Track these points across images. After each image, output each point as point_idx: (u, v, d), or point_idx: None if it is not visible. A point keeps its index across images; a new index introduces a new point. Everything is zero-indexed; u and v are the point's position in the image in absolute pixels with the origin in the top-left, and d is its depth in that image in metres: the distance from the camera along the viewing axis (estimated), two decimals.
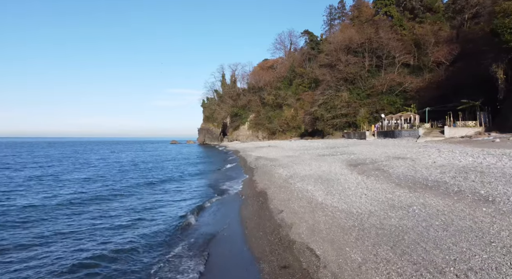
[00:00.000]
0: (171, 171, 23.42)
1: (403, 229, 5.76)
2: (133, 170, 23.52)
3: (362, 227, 6.09)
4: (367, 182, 11.15)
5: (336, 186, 10.71)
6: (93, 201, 11.98)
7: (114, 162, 32.68)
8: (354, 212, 7.26)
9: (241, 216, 8.47)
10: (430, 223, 5.90)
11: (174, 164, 29.58)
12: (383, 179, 11.40)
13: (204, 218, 9.42)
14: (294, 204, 8.45)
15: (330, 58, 60.95)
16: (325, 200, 8.84)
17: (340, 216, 7.00)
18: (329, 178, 12.71)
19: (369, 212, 7.18)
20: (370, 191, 9.50)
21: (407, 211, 6.95)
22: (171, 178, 19.09)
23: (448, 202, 7.27)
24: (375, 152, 24.65)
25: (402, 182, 10.36)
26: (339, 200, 8.71)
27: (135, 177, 19.80)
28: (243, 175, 18.19)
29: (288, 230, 6.22)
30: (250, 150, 42.36)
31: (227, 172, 21.12)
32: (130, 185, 16.20)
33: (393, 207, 7.42)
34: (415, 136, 33.92)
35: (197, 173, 20.81)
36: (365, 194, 9.09)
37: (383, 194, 8.96)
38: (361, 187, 10.20)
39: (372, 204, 7.87)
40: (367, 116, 52.16)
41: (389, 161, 16.62)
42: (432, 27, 53.61)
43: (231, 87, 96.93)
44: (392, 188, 9.58)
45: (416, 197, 8.14)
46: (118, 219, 8.95)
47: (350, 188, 10.23)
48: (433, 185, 9.15)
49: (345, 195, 9.26)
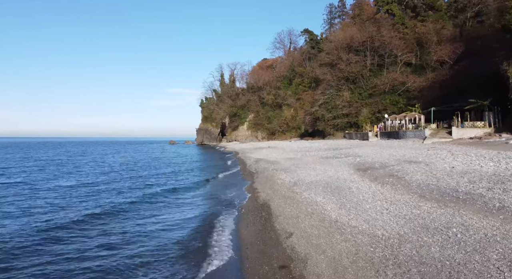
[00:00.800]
0: (166, 178, 20.76)
1: (452, 265, 4.41)
2: (124, 179, 19.58)
3: (396, 261, 4.74)
4: (383, 192, 9.80)
5: (349, 197, 9.35)
6: (61, 229, 8.45)
7: (105, 166, 29.61)
8: (379, 235, 5.92)
9: (240, 239, 7.06)
10: (486, 256, 4.56)
11: (169, 170, 25.70)
12: (401, 188, 10.05)
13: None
14: (305, 223, 7.07)
15: (331, 57, 59.62)
16: (340, 216, 7.48)
17: (363, 241, 5.65)
18: (338, 186, 11.34)
19: (398, 235, 5.84)
20: (391, 204, 8.15)
21: (446, 235, 5.61)
22: (164, 190, 15.15)
23: (494, 223, 5.94)
24: (382, 154, 23.34)
25: (425, 193, 9.01)
26: (357, 216, 7.35)
27: (125, 187, 16.42)
28: (242, 181, 16.59)
29: (302, 267, 4.84)
30: (249, 151, 40.99)
31: (226, 179, 19.24)
32: (116, 201, 12.39)
33: (426, 228, 6.08)
34: (421, 137, 32.62)
35: (192, 185, 17.05)
36: (386, 209, 7.74)
37: (407, 208, 7.61)
38: (379, 199, 8.85)
39: (399, 223, 6.53)
40: (369, 116, 50.87)
41: (401, 166, 15.28)
42: (435, 26, 52.38)
43: (230, 87, 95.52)
44: (416, 201, 8.23)
45: (450, 214, 6.79)
46: (97, 256, 6.45)
47: (366, 200, 8.88)
48: (466, 198, 7.82)
49: (362, 209, 7.91)
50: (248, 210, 9.49)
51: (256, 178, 15.46)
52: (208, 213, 10.07)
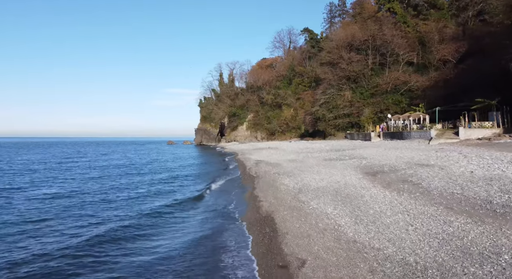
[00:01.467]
0: (161, 185, 18.17)
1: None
2: (113, 189, 16.60)
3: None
4: (402, 201, 8.67)
5: (364, 208, 8.22)
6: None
7: (95, 170, 26.53)
8: (412, 263, 4.80)
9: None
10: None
11: (165, 175, 23.05)
12: (421, 197, 8.92)
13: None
14: (318, 244, 5.93)
15: (331, 56, 58.49)
16: (358, 234, 6.35)
17: (395, 273, 4.53)
18: (349, 194, 10.21)
19: (437, 264, 4.72)
20: (415, 218, 7.03)
21: (498, 264, 4.50)
22: (158, 206, 12.23)
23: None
24: (388, 156, 22.24)
25: (452, 203, 7.89)
26: (378, 234, 6.23)
27: (113, 199, 13.85)
28: (242, 187, 15.23)
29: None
30: (248, 152, 39.85)
31: (225, 187, 16.84)
32: (101, 222, 10.00)
33: (468, 253, 4.96)
34: (426, 137, 31.53)
35: (189, 194, 15.07)
36: (411, 225, 6.61)
37: (436, 224, 6.49)
38: (399, 211, 7.72)
39: (432, 246, 5.41)
40: (372, 116, 49.77)
41: (413, 170, 14.16)
42: (437, 24, 51.46)
43: (229, 86, 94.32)
44: (444, 214, 7.11)
45: (493, 233, 5.68)
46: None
47: (385, 212, 7.75)
48: (505, 213, 6.70)
49: (382, 225, 6.78)
50: (249, 223, 8.35)
51: (257, 183, 14.29)
52: (205, 233, 8.47)
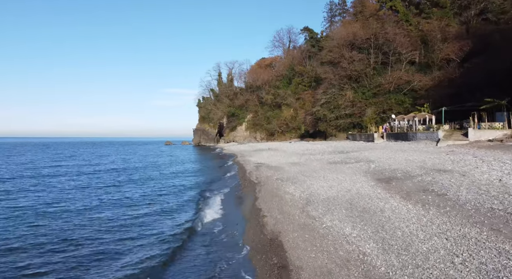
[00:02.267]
0: (149, 201, 14.45)
1: None
2: (92, 209, 12.85)
3: None
4: (431, 218, 7.33)
5: (389, 228, 6.88)
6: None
7: (79, 179, 22.08)
8: None
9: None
10: None
11: (157, 186, 18.89)
12: (453, 213, 7.59)
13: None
14: None
15: (332, 55, 57.18)
16: (393, 270, 5.01)
17: None
18: (365, 207, 8.86)
19: None
20: (457, 245, 5.69)
21: None
22: (145, 235, 9.17)
23: None
24: (397, 159, 20.93)
25: (498, 224, 6.53)
26: (419, 270, 4.89)
27: (87, 225, 10.37)
28: (243, 197, 13.72)
29: None
30: (248, 154, 38.48)
31: (225, 203, 13.45)
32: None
33: None
34: (434, 139, 30.24)
35: (184, 216, 11.43)
36: (457, 256, 5.26)
37: (490, 256, 5.14)
38: (433, 233, 6.38)
39: None
40: (374, 117, 48.47)
41: (431, 176, 12.83)
42: (440, 23, 50.41)
43: (228, 86, 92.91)
44: (493, 240, 5.76)
45: None
46: None
47: (415, 234, 6.40)
48: None
49: (420, 255, 5.44)
50: (253, 248, 6.97)
51: (259, 191, 12.93)
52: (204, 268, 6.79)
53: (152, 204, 13.73)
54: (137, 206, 13.37)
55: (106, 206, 13.43)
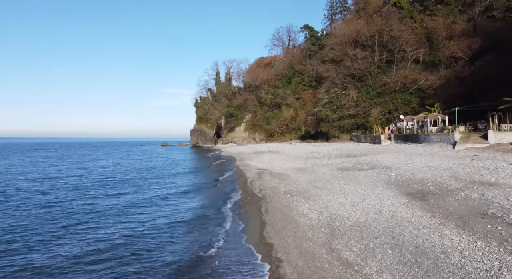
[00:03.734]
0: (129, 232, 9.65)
1: None
2: (54, 238, 9.19)
3: None
4: None
5: None
6: None
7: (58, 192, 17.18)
8: None
9: None
10: None
11: (142, 203, 14.23)
12: None
13: None
14: None
15: (335, 53, 54.90)
16: None
17: None
18: (417, 244, 6.52)
19: None
20: None
21: None
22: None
23: None
24: (416, 165, 18.65)
25: None
26: None
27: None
28: (246, 221, 10.43)
29: None
30: (248, 157, 36.10)
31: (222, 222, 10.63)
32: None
33: None
34: (449, 141, 27.98)
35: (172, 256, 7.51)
36: None
37: None
38: None
39: None
40: (380, 117, 46.22)
41: (476, 191, 10.48)
42: (445, 20, 48.53)
43: (226, 86, 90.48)
44: None
45: None
46: None
47: None
48: None
49: None
50: None
51: (265, 212, 10.50)
52: None
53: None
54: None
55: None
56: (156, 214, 12.22)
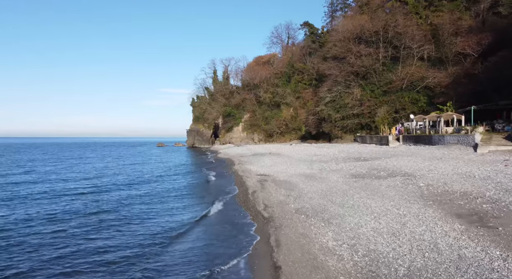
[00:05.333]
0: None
1: None
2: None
3: None
4: None
5: None
6: None
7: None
8: None
9: None
10: None
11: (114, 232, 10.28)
12: None
13: None
14: None
15: (338, 49, 52.39)
16: None
17: None
18: None
19: None
20: None
21: None
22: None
23: None
24: (444, 172, 16.15)
25: None
26: None
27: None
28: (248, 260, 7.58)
29: None
30: (247, 159, 33.50)
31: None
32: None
33: None
34: (467, 143, 25.51)
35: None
36: None
37: None
38: None
39: None
40: (386, 117, 43.77)
41: None
42: (451, 16, 46.42)
43: (224, 84, 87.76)
44: None
45: None
46: None
47: None
48: None
49: None
50: None
51: (276, 246, 7.76)
52: None
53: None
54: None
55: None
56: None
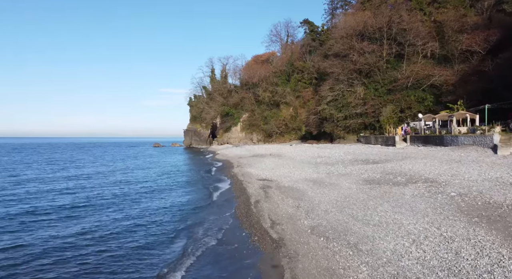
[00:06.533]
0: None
1: None
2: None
3: None
4: None
5: None
6: None
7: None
8: None
9: None
10: None
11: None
12: None
13: None
14: None
15: (340, 46, 50.52)
16: None
17: None
18: None
19: None
20: None
21: None
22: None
23: None
24: (469, 177, 14.34)
25: None
26: None
27: None
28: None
29: None
30: (247, 162, 31.55)
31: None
32: None
33: None
34: (485, 145, 23.69)
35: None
36: None
37: None
38: None
39: None
40: (392, 116, 41.95)
41: None
42: (456, 13, 44.86)
43: (222, 83, 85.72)
44: None
45: None
46: None
47: None
48: None
49: None
50: None
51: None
52: None
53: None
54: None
55: None
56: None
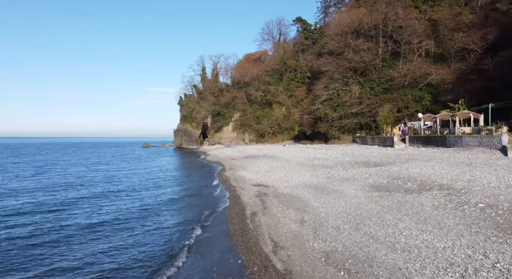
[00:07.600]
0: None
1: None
2: None
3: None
4: None
5: None
6: None
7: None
8: None
9: None
10: None
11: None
12: None
13: None
14: None
15: (335, 44, 49.07)
16: None
17: None
18: None
19: None
20: None
21: None
22: None
23: None
24: (489, 184, 12.81)
25: None
26: None
27: None
28: None
29: None
30: (240, 164, 29.66)
31: None
32: None
33: None
34: (493, 146, 22.37)
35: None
36: None
37: None
38: None
39: None
40: (389, 116, 40.65)
41: None
42: (451, 11, 44.15)
43: (213, 82, 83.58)
44: None
45: None
46: None
47: None
48: None
49: None
50: None
51: None
52: None
53: None
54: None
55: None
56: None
